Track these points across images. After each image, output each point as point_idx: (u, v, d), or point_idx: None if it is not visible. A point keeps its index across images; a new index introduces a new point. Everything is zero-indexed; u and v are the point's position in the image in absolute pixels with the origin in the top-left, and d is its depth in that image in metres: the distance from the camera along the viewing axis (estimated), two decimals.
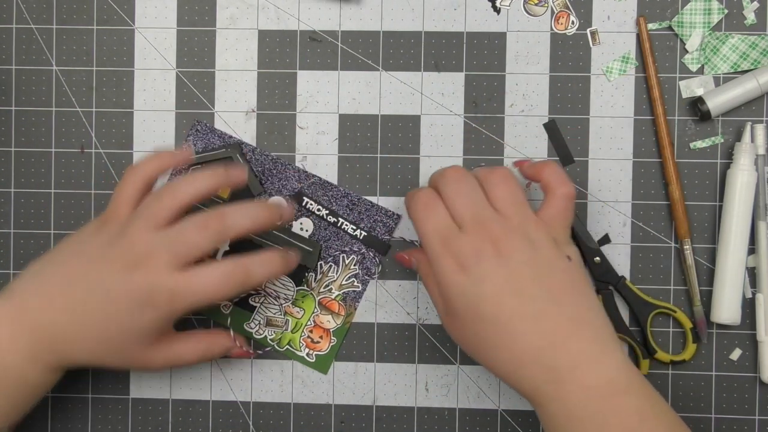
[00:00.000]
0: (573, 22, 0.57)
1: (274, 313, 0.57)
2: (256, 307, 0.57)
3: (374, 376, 0.58)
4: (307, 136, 0.58)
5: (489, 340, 0.47)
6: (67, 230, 0.58)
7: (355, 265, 0.57)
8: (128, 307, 0.48)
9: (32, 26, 0.59)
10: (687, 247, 0.56)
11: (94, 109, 0.59)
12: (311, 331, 0.57)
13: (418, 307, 0.58)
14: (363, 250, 0.57)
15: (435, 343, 0.57)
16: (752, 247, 0.56)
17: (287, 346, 0.57)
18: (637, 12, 0.57)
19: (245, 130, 0.58)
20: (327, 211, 0.57)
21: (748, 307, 0.56)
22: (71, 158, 0.59)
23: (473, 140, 0.57)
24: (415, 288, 0.58)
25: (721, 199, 0.56)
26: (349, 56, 0.58)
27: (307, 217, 0.57)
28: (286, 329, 0.57)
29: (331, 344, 0.57)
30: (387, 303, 0.57)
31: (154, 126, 0.58)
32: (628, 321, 0.56)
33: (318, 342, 0.57)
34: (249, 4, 0.58)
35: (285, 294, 0.57)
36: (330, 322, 0.57)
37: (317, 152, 0.58)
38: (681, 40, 0.57)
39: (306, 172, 0.57)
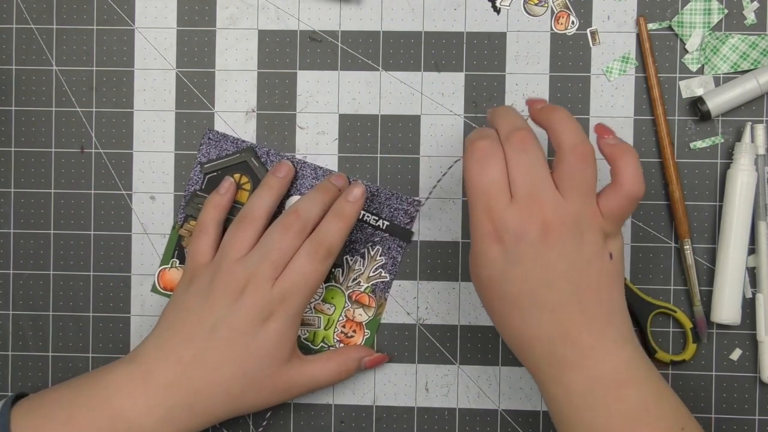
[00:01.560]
0: (573, 22, 0.57)
1: (305, 312, 0.57)
2: None
3: (374, 376, 0.58)
4: (307, 136, 0.58)
5: (504, 315, 0.47)
6: (67, 230, 0.58)
7: (381, 256, 0.57)
8: (251, 329, 0.50)
9: (32, 26, 0.59)
10: (687, 247, 0.56)
11: (94, 109, 0.59)
12: (344, 326, 0.57)
13: (418, 307, 0.58)
14: (387, 239, 0.57)
15: (435, 343, 0.57)
16: (752, 247, 0.56)
17: (321, 344, 0.57)
18: (637, 12, 0.57)
19: (245, 130, 0.58)
20: None
21: (748, 307, 0.56)
22: (71, 158, 0.59)
23: None
24: (415, 288, 0.58)
25: (721, 199, 0.56)
26: (349, 56, 0.58)
27: None
28: (319, 327, 0.57)
29: (365, 337, 0.57)
30: (387, 303, 0.57)
31: (154, 126, 0.58)
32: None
33: (352, 336, 0.57)
34: (249, 4, 0.58)
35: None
36: (362, 315, 0.56)
37: (317, 152, 0.58)
38: (681, 40, 0.57)
39: (322, 168, 0.57)
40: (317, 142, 0.58)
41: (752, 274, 0.56)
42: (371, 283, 0.57)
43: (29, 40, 0.59)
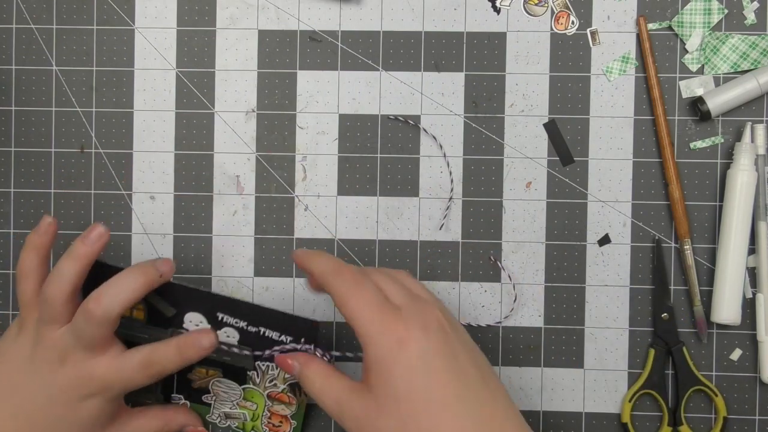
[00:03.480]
0: (573, 22, 0.57)
1: (230, 408, 0.56)
2: (210, 404, 0.56)
3: None
4: (307, 136, 0.58)
5: (427, 426, 0.43)
6: (67, 230, 0.58)
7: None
8: (70, 402, 0.49)
9: (32, 26, 0.59)
10: (687, 247, 0.56)
11: (94, 109, 0.59)
12: (270, 418, 0.56)
13: None
14: (296, 344, 0.52)
15: None
16: (752, 247, 0.56)
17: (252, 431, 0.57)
18: (637, 12, 0.57)
19: (245, 131, 0.58)
20: (245, 323, 0.52)
21: (748, 307, 0.56)
22: (71, 158, 0.59)
23: (473, 140, 0.57)
24: None
25: (721, 199, 0.56)
26: (349, 56, 0.58)
27: (230, 326, 0.53)
28: (246, 420, 0.56)
29: (293, 426, 0.56)
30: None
31: (154, 126, 0.58)
32: (671, 389, 0.56)
33: (279, 425, 0.56)
34: (249, 4, 0.58)
35: (232, 395, 0.55)
36: (285, 410, 0.55)
37: (317, 152, 0.58)
38: (681, 40, 0.57)
39: (216, 294, 0.53)
40: (317, 142, 0.58)
41: (752, 274, 0.56)
42: (288, 383, 0.54)
43: (29, 40, 0.59)
